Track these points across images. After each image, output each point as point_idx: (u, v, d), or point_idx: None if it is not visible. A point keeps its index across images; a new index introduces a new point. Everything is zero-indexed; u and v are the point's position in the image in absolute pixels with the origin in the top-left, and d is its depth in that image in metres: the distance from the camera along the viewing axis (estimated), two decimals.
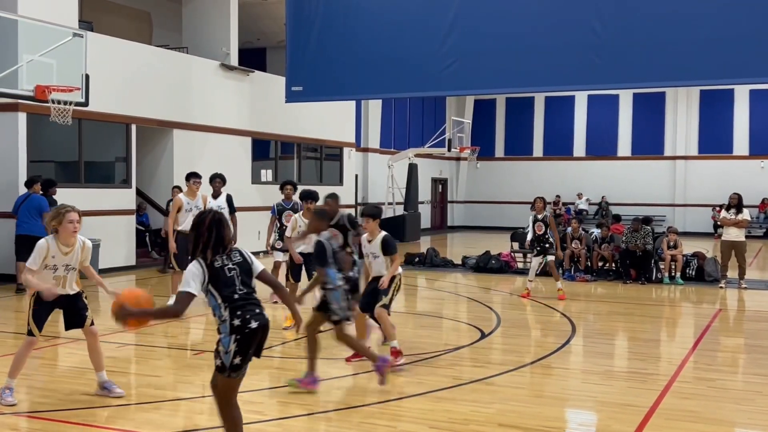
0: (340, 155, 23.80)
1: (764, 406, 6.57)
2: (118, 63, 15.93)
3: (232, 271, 4.64)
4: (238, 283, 4.64)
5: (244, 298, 4.63)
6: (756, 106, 29.87)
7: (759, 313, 12.17)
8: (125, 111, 16.13)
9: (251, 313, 4.61)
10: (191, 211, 11.00)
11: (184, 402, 6.59)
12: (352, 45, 15.32)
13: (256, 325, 4.60)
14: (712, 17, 12.89)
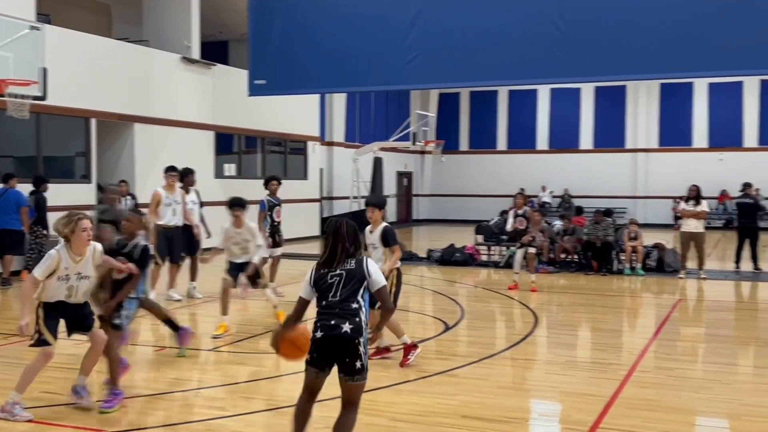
0: (304, 149, 23.72)
1: (721, 393, 6.70)
2: (77, 56, 15.70)
3: (334, 278, 4.71)
4: (333, 291, 4.67)
5: (329, 307, 4.66)
6: (715, 100, 30.36)
7: (718, 302, 12.39)
8: (85, 105, 15.91)
9: (323, 322, 4.64)
10: (170, 206, 10.98)
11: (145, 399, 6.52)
12: (315, 38, 15.26)
13: (320, 335, 4.64)
14: (672, 11, 13.05)
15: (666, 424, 5.76)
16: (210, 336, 8.93)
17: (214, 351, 8.42)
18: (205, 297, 11.82)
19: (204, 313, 10.90)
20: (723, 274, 15.00)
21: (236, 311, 10.94)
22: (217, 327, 9.07)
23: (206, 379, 7.13)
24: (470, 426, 5.75)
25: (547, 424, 6.08)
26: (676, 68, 13.82)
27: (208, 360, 8.09)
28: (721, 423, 6.05)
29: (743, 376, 7.52)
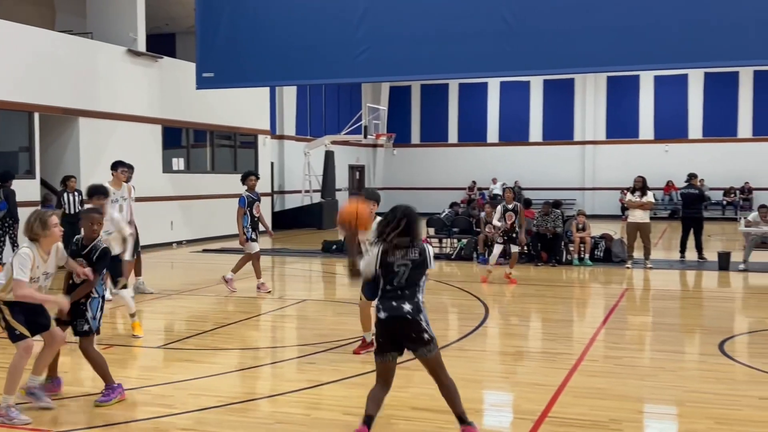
0: (254, 143, 23.51)
1: (667, 381, 6.83)
2: (19, 49, 15.32)
3: (400, 267, 4.96)
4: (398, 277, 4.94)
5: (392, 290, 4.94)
6: (660, 92, 30.96)
7: (664, 291, 12.63)
8: (27, 99, 15.53)
9: (385, 304, 4.95)
10: (117, 202, 10.61)
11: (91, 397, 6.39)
12: (264, 30, 15.10)
13: (383, 316, 4.94)
14: (618, 5, 13.24)
15: (613, 411, 5.85)
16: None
17: (161, 348, 8.30)
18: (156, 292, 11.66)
19: (152, 310, 10.75)
20: (668, 264, 15.30)
21: (183, 308, 10.82)
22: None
23: (154, 376, 7.02)
24: (421, 417, 5.77)
25: (496, 414, 6.13)
26: (623, 61, 14.03)
27: (155, 357, 7.98)
28: (666, 409, 6.16)
29: (688, 364, 7.68)
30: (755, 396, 6.26)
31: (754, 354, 8.00)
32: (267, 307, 10.90)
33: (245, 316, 10.15)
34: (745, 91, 30.07)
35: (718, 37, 12.75)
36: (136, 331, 8.67)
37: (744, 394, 6.32)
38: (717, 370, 7.17)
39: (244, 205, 11.72)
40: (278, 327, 9.92)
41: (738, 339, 8.65)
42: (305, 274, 15.02)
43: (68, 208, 14.52)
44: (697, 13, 12.80)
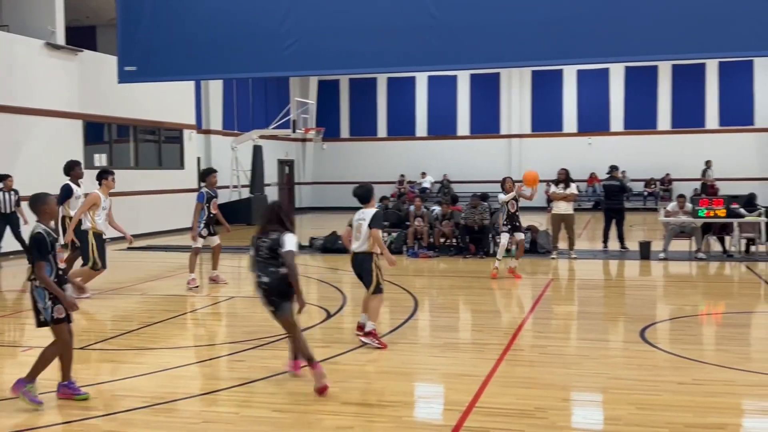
0: (180, 138, 23.10)
1: (591, 368, 7.00)
2: None
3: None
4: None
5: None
6: (583, 86, 31.65)
7: (588, 281, 12.94)
8: None
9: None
10: (106, 210, 10.82)
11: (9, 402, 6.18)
12: (188, 23, 14.81)
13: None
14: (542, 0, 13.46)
15: (539, 400, 5.97)
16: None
17: (85, 349, 8.09)
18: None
19: None
20: (592, 254, 15.68)
21: (108, 308, 10.57)
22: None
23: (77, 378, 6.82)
24: (350, 412, 5.77)
25: (425, 406, 6.18)
26: (547, 56, 14.24)
27: (79, 358, 7.75)
28: (590, 397, 6.32)
29: (611, 351, 7.88)
30: (675, 381, 6.47)
31: (674, 340, 8.27)
32: (194, 305, 10.74)
33: (172, 314, 9.98)
34: (664, 84, 31.02)
35: (638, 31, 13.08)
36: None
37: (664, 380, 6.52)
38: (639, 356, 7.38)
39: (203, 200, 11.88)
40: (206, 325, 9.79)
41: (659, 326, 8.92)
42: (234, 271, 14.84)
43: (3, 207, 14.49)
44: (618, 9, 13.10)
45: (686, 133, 30.62)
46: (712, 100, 30.55)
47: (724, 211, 14.50)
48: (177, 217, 21.38)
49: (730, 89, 30.28)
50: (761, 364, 7.24)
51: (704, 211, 14.58)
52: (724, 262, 14.42)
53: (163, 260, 15.36)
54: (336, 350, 7.71)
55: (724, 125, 30.38)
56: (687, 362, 7.10)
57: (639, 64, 29.78)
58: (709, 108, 30.61)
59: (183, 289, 11.63)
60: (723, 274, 13.35)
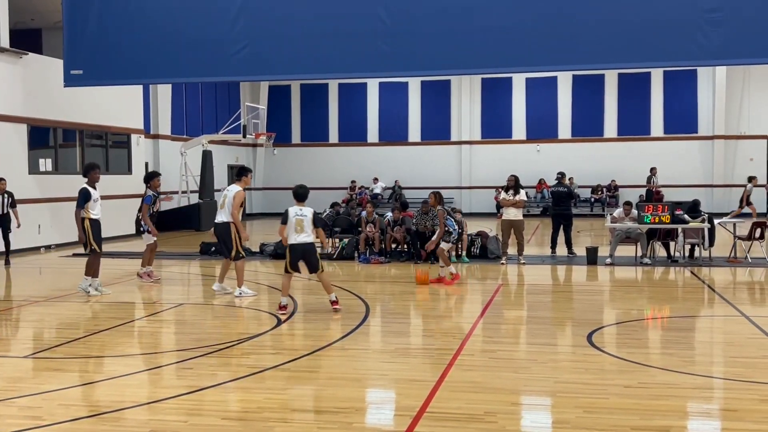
0: (127, 142, 22.74)
1: (539, 373, 7.08)
2: None
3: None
4: None
5: None
6: (531, 94, 32.07)
7: (537, 286, 13.09)
8: None
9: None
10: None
11: None
12: (135, 26, 14.61)
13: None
14: (490, 9, 13.61)
15: (488, 404, 6.02)
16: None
17: (29, 358, 7.91)
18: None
19: (18, 317, 10.22)
20: (541, 259, 15.87)
21: (52, 315, 10.36)
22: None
23: (20, 387, 6.67)
24: (300, 419, 5.75)
25: (375, 412, 6.17)
26: (495, 64, 14.43)
27: (22, 367, 7.59)
28: (539, 401, 6.39)
29: (559, 355, 7.98)
30: (621, 384, 6.59)
31: (621, 344, 8.41)
32: (141, 313, 10.58)
33: (118, 322, 9.81)
34: (611, 93, 31.60)
35: (585, 41, 13.34)
36: None
37: (611, 383, 6.63)
38: (586, 360, 7.49)
39: (150, 202, 13.03)
40: (154, 332, 9.64)
41: (605, 330, 9.07)
42: (183, 277, 14.67)
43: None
44: (565, 18, 13.34)
45: (632, 140, 31.26)
46: (657, 108, 31.24)
47: (669, 217, 14.83)
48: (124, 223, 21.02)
49: (674, 98, 31.01)
50: (704, 367, 7.42)
51: (649, 217, 14.88)
52: (669, 267, 14.73)
53: (110, 266, 15.07)
54: (286, 357, 7.67)
55: (668, 133, 31.08)
56: (633, 366, 7.23)
57: (586, 73, 30.33)
58: (654, 116, 31.29)
59: (129, 296, 11.44)
60: (668, 278, 13.64)
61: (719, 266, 14.57)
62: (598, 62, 15.12)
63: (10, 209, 15.56)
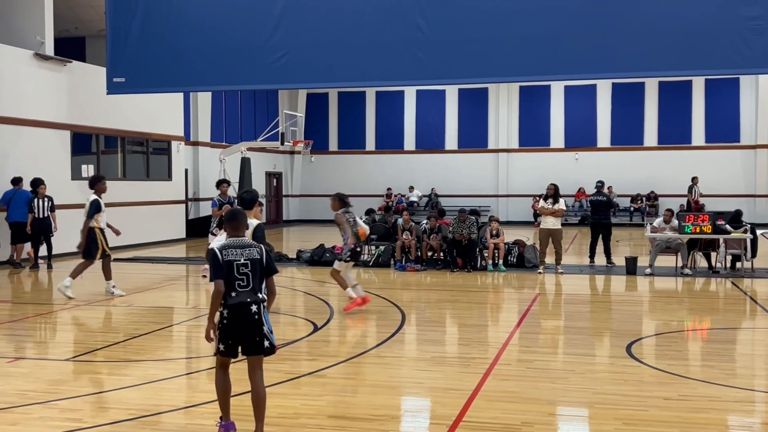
0: (168, 149, 23.06)
1: (577, 383, 7.01)
2: None
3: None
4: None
5: None
6: (570, 102, 31.83)
7: (574, 296, 12.97)
8: None
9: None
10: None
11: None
12: (177, 34, 14.81)
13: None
14: (529, 15, 13.52)
15: (525, 414, 5.97)
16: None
17: (70, 360, 8.04)
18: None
19: (61, 321, 10.40)
20: (579, 269, 15.73)
21: (94, 319, 10.52)
22: None
23: (62, 390, 6.79)
24: (336, 426, 5.76)
25: (412, 420, 6.17)
26: (534, 71, 14.33)
27: (64, 370, 7.72)
28: (576, 412, 6.33)
29: (597, 366, 7.90)
30: (661, 396, 6.49)
31: (660, 356, 8.29)
32: (180, 318, 10.69)
33: (158, 326, 9.93)
34: (651, 101, 31.24)
35: (625, 48, 13.20)
36: None
37: (650, 395, 6.55)
38: (625, 372, 7.40)
39: (216, 206, 14.39)
40: (192, 337, 9.74)
41: (645, 341, 8.96)
42: None
43: (38, 213, 15.73)
44: (606, 25, 13.22)
45: (672, 149, 30.84)
46: (699, 116, 30.80)
47: (710, 228, 14.60)
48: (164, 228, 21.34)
49: (716, 106, 30.53)
50: (746, 380, 7.28)
51: (690, 227, 14.67)
52: (710, 278, 14.50)
53: (150, 272, 15.29)
54: (323, 363, 7.70)
55: (710, 142, 30.61)
56: (673, 378, 7.13)
57: (626, 81, 30.03)
58: (696, 125, 30.85)
59: (169, 301, 11.58)
60: (708, 290, 13.43)
61: (762, 278, 14.30)
62: (639, 70, 14.94)
63: (50, 213, 15.96)
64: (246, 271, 5.25)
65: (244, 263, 5.27)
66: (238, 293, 5.24)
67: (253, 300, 5.26)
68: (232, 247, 5.31)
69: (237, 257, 5.26)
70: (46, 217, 15.90)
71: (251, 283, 5.28)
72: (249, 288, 5.27)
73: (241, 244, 5.36)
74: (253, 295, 5.27)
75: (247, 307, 5.24)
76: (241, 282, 5.24)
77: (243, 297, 5.24)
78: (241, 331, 5.26)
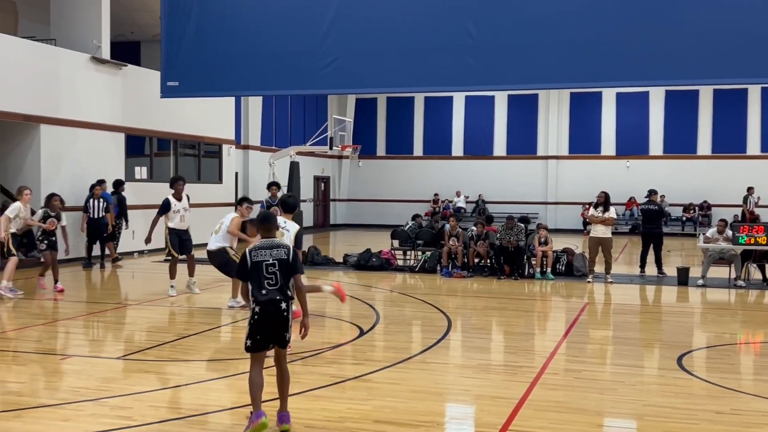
0: (219, 152, 23.38)
1: (626, 394, 6.91)
2: None
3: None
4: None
5: None
6: (622, 109, 31.42)
7: (624, 306, 12.78)
8: None
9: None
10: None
11: (47, 409, 6.28)
12: (230, 39, 15.04)
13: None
14: (581, 22, 13.41)
15: (573, 425, 5.90)
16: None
17: (121, 359, 8.20)
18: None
19: (112, 320, 10.61)
20: (629, 278, 15.49)
21: (144, 318, 10.69)
22: None
23: (112, 388, 6.92)
24: (382, 430, 5.76)
25: (458, 427, 6.14)
26: (585, 78, 14.21)
27: (115, 368, 7.87)
28: (625, 423, 6.23)
29: (647, 378, 7.77)
30: (712, 410, 6.36)
31: (712, 369, 8.12)
32: (228, 319, 10.82)
33: (207, 327, 10.07)
34: (705, 109, 30.65)
35: (678, 55, 12.98)
36: None
37: (701, 408, 6.42)
38: (675, 384, 7.27)
39: (264, 207, 14.62)
40: (240, 338, 9.83)
41: (696, 354, 8.79)
42: None
43: (93, 213, 16.27)
44: (659, 31, 13.02)
45: (727, 158, 30.21)
46: (755, 125, 30.12)
47: (765, 239, 14.26)
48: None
49: None
50: None
51: (744, 238, 14.35)
52: (764, 290, 14.16)
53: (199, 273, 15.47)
54: (369, 368, 7.71)
55: (766, 151, 29.92)
56: (724, 391, 6.98)
57: (680, 88, 29.50)
58: (751, 133, 30.17)
59: (218, 302, 11.71)
60: (762, 302, 13.11)
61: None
62: (693, 77, 14.67)
63: (105, 213, 16.44)
64: (274, 270, 5.62)
65: (272, 263, 5.64)
66: (268, 291, 5.61)
67: (281, 297, 5.63)
68: (262, 248, 5.69)
69: (266, 258, 5.65)
70: (101, 217, 16.33)
71: (279, 281, 5.64)
72: (277, 286, 5.63)
73: (270, 245, 5.74)
74: (281, 293, 5.63)
75: (277, 305, 5.61)
76: (270, 281, 5.61)
77: (272, 295, 5.61)
78: (271, 327, 5.63)
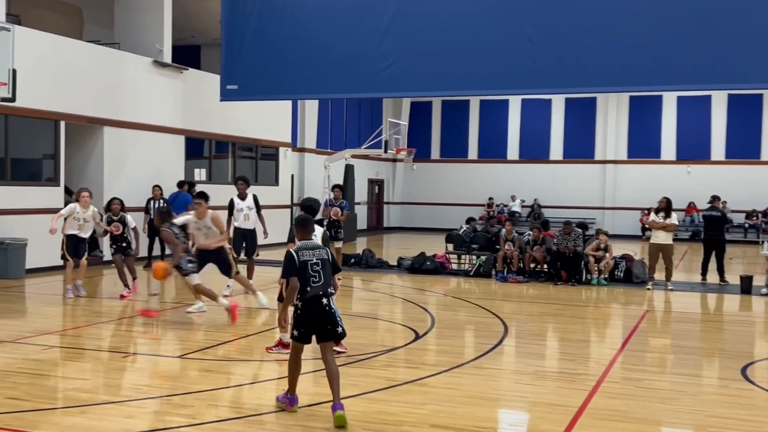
0: (276, 155, 23.64)
1: (688, 405, 6.76)
2: (47, 58, 15.52)
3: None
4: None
5: None
6: (683, 113, 30.80)
7: (685, 314, 12.53)
8: (54, 107, 15.72)
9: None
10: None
11: (111, 406, 6.42)
12: (288, 44, 15.21)
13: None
14: (642, 25, 13.20)
15: None
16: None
17: (181, 358, 8.34)
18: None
19: (171, 319, 10.79)
20: (690, 286, 15.17)
21: (202, 318, 10.85)
22: None
23: (175, 386, 7.05)
24: None
25: None
26: (646, 81, 13.97)
27: (174, 367, 8.01)
28: None
29: (709, 388, 7.61)
30: None
31: None
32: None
33: (265, 327, 10.18)
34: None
35: (742, 58, 12.69)
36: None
37: (765, 420, 6.25)
38: (738, 395, 7.09)
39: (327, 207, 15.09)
40: None
41: (759, 364, 8.55)
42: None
43: (153, 214, 16.21)
44: (721, 34, 12.75)
45: None
46: None
47: None
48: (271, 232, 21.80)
49: None
50: None
51: None
52: None
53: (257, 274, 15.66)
54: (425, 372, 7.70)
55: None
56: None
57: (743, 92, 28.80)
58: None
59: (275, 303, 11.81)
60: None
61: None
62: (756, 81, 14.32)
63: None
64: (318, 269, 6.06)
65: (316, 262, 6.09)
66: (312, 288, 6.02)
67: (324, 293, 6.05)
68: (305, 249, 6.14)
69: (310, 257, 6.09)
70: None
71: (322, 278, 6.09)
72: (321, 283, 6.07)
73: (312, 246, 6.22)
74: (324, 289, 6.06)
75: (320, 300, 6.04)
76: (314, 278, 6.04)
77: (316, 291, 6.03)
78: (316, 321, 6.04)
